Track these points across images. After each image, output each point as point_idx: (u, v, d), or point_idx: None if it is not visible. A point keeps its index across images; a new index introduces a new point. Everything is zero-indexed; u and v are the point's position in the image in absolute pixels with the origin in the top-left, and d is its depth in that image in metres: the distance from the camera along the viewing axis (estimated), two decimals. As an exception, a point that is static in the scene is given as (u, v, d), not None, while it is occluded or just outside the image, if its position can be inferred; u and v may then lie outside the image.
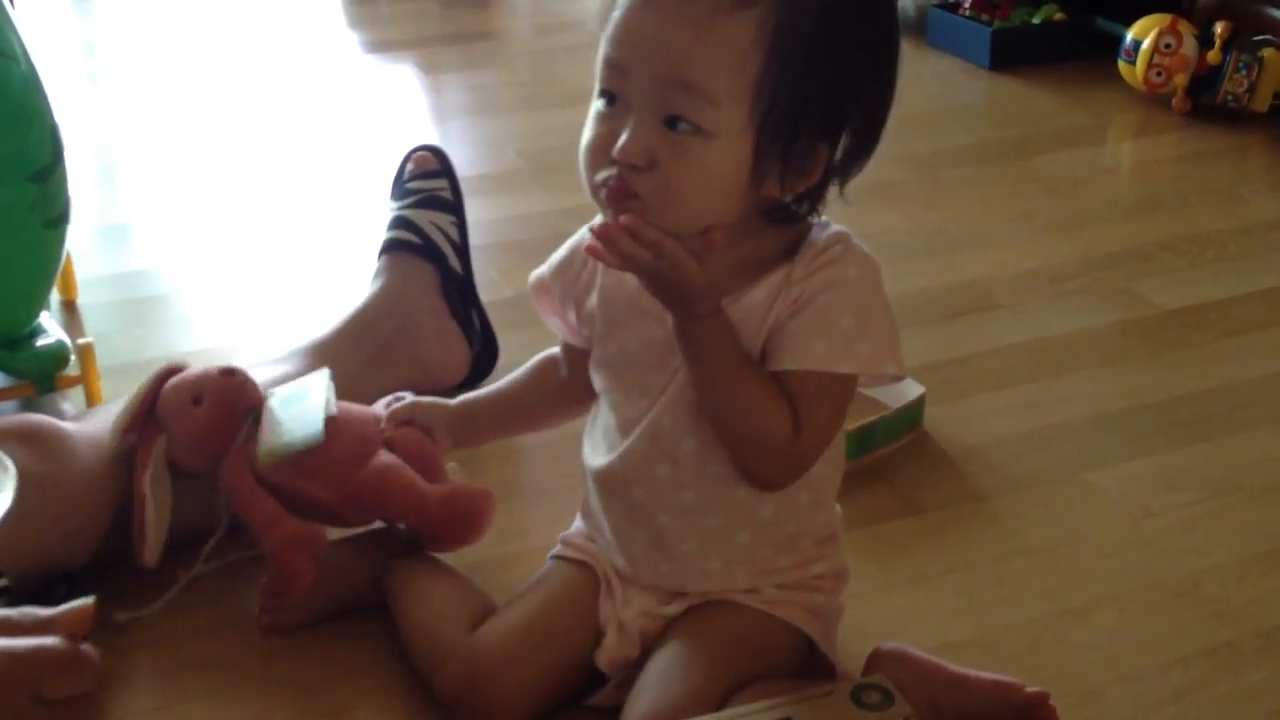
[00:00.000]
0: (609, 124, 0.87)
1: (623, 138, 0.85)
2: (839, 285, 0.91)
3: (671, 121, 0.85)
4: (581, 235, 0.99)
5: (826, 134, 0.88)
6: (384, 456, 1.13)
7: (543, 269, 1.07)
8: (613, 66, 0.86)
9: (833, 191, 0.93)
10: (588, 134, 0.89)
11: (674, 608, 1.03)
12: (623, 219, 0.85)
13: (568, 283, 1.03)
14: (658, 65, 0.84)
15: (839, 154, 0.90)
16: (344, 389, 1.37)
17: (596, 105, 0.89)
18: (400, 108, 2.45)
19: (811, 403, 0.90)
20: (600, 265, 0.96)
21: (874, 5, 0.88)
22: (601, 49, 0.87)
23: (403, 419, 1.15)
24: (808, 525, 1.01)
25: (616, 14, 0.86)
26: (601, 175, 0.87)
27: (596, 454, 1.03)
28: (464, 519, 1.12)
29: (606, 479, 1.02)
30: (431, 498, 1.12)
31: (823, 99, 0.86)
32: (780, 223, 0.92)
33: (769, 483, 0.95)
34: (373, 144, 2.17)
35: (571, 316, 1.04)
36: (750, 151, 0.86)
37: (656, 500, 0.99)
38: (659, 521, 1.00)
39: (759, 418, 0.90)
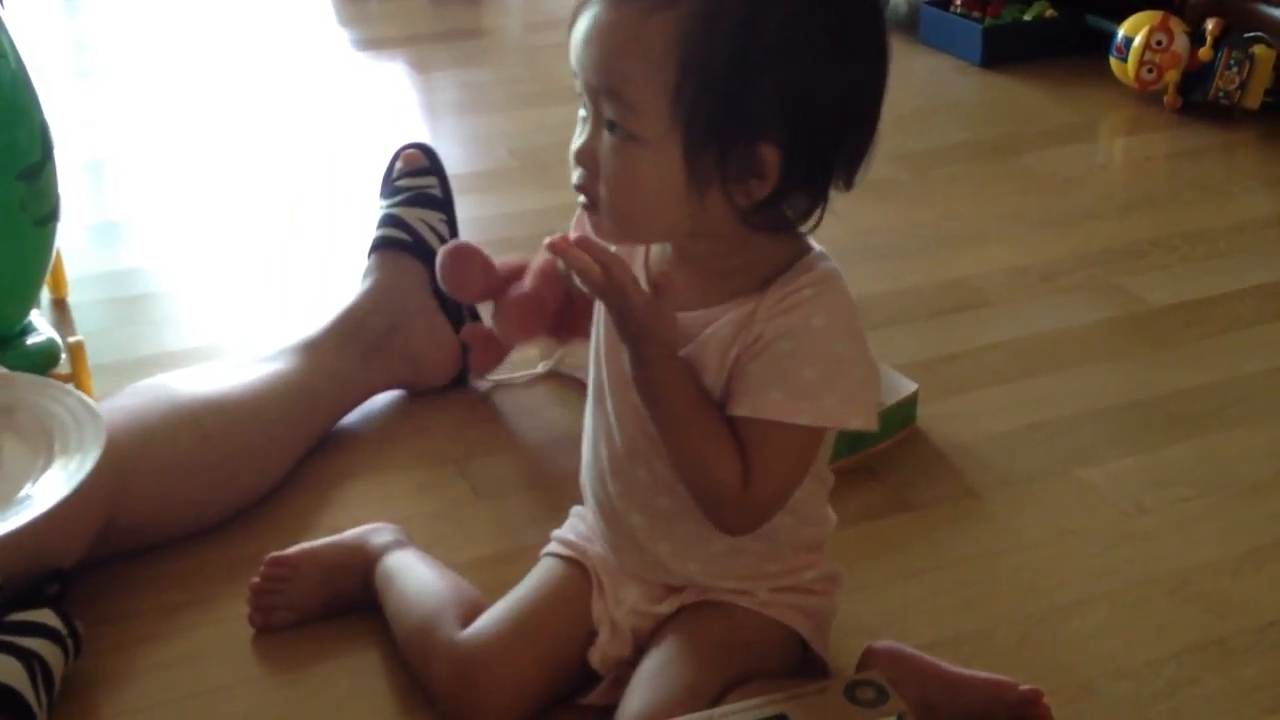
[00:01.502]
0: (581, 127, 0.89)
1: (574, 143, 0.89)
2: (799, 334, 0.88)
3: (610, 126, 0.86)
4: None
5: (771, 136, 0.85)
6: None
7: None
8: (574, 73, 0.89)
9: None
10: (574, 143, 0.91)
11: (666, 606, 1.03)
12: (575, 237, 0.87)
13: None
14: (589, 73, 0.86)
15: (841, 156, 0.88)
16: (335, 387, 1.38)
17: (580, 116, 0.90)
18: (391, 105, 2.44)
19: (764, 452, 0.89)
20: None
21: (815, 20, 0.84)
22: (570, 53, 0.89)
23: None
24: (790, 538, 1.01)
25: (577, 20, 0.88)
26: (574, 178, 0.90)
27: (586, 441, 1.04)
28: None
29: (592, 466, 1.03)
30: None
31: (751, 104, 0.84)
32: (765, 229, 0.90)
33: (725, 528, 0.94)
34: (364, 142, 2.17)
35: None
36: (680, 155, 0.85)
37: (631, 499, 0.99)
38: (632, 520, 1.00)
39: (708, 468, 0.89)
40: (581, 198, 0.90)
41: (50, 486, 1.01)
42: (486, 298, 1.29)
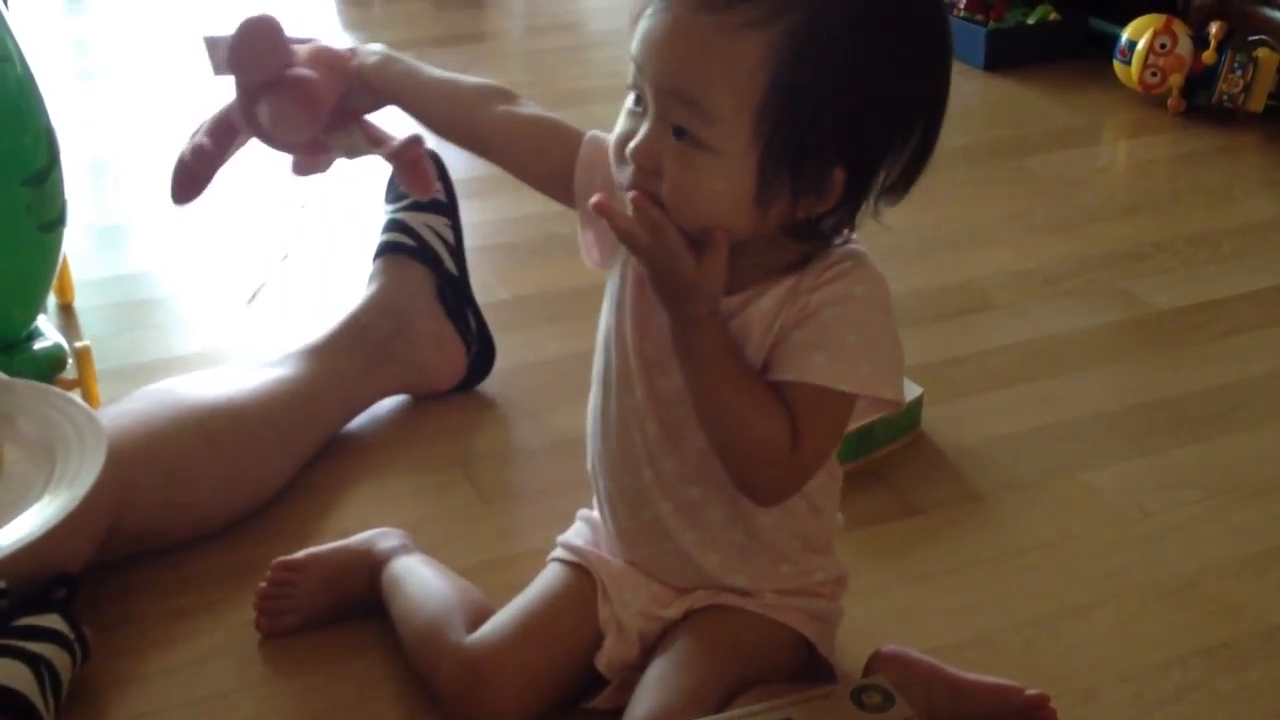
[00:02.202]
0: (633, 121, 0.88)
1: (635, 139, 0.86)
2: (844, 301, 0.89)
3: (678, 132, 0.85)
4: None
5: (841, 158, 0.86)
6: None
7: (596, 146, 1.00)
8: (636, 66, 0.87)
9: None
10: (617, 128, 0.90)
11: (674, 610, 1.03)
12: (633, 195, 0.86)
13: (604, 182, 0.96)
14: (664, 77, 0.84)
15: (890, 176, 0.89)
16: (340, 392, 1.38)
17: (628, 100, 0.89)
18: (394, 110, 2.44)
19: (809, 415, 0.89)
20: None
21: (902, 44, 0.85)
22: (632, 44, 0.87)
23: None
24: (803, 531, 1.01)
25: (645, 15, 0.86)
26: (625, 174, 0.88)
27: (597, 434, 1.03)
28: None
29: (605, 458, 1.02)
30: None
31: (833, 128, 0.84)
32: (803, 239, 0.91)
33: (767, 494, 0.93)
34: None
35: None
36: (754, 171, 0.84)
37: (662, 488, 0.99)
38: (660, 509, 1.00)
39: (756, 428, 0.89)
40: (630, 193, 0.88)
41: (52, 502, 1.02)
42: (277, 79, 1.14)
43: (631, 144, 0.86)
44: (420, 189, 1.13)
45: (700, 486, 0.98)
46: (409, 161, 1.12)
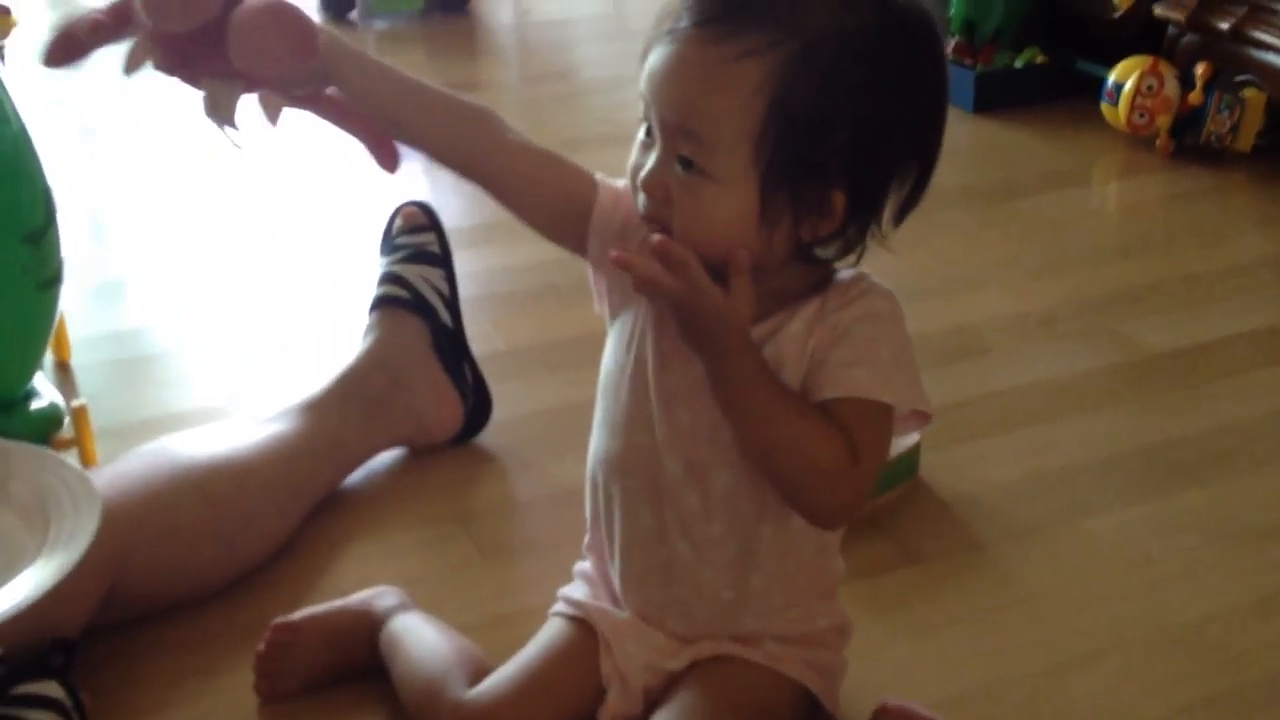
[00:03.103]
0: (644, 153, 0.90)
1: (643, 170, 0.89)
2: (872, 319, 0.91)
3: (684, 163, 0.87)
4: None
5: (841, 180, 0.88)
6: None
7: (613, 189, 0.99)
8: (644, 101, 0.90)
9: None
10: (631, 158, 0.92)
11: (677, 663, 1.02)
12: (655, 239, 0.86)
13: (630, 229, 0.96)
14: (668, 111, 0.87)
15: (899, 199, 0.91)
16: (337, 447, 1.38)
17: (640, 132, 0.91)
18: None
19: (861, 428, 0.90)
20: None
21: (896, 68, 0.87)
22: (640, 80, 0.90)
23: None
24: (815, 574, 1.01)
25: (652, 51, 0.89)
26: (640, 202, 0.91)
27: (601, 479, 1.02)
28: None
29: (632, 498, 1.00)
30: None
31: (830, 151, 0.86)
32: (812, 262, 0.94)
33: (834, 512, 0.93)
34: (364, 197, 2.18)
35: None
36: (756, 195, 0.87)
37: (680, 527, 0.98)
38: (678, 548, 0.99)
39: (812, 447, 0.89)
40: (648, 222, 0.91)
41: (46, 566, 1.01)
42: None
43: (641, 174, 0.89)
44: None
45: (722, 523, 0.97)
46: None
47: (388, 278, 1.49)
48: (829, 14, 0.85)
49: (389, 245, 1.53)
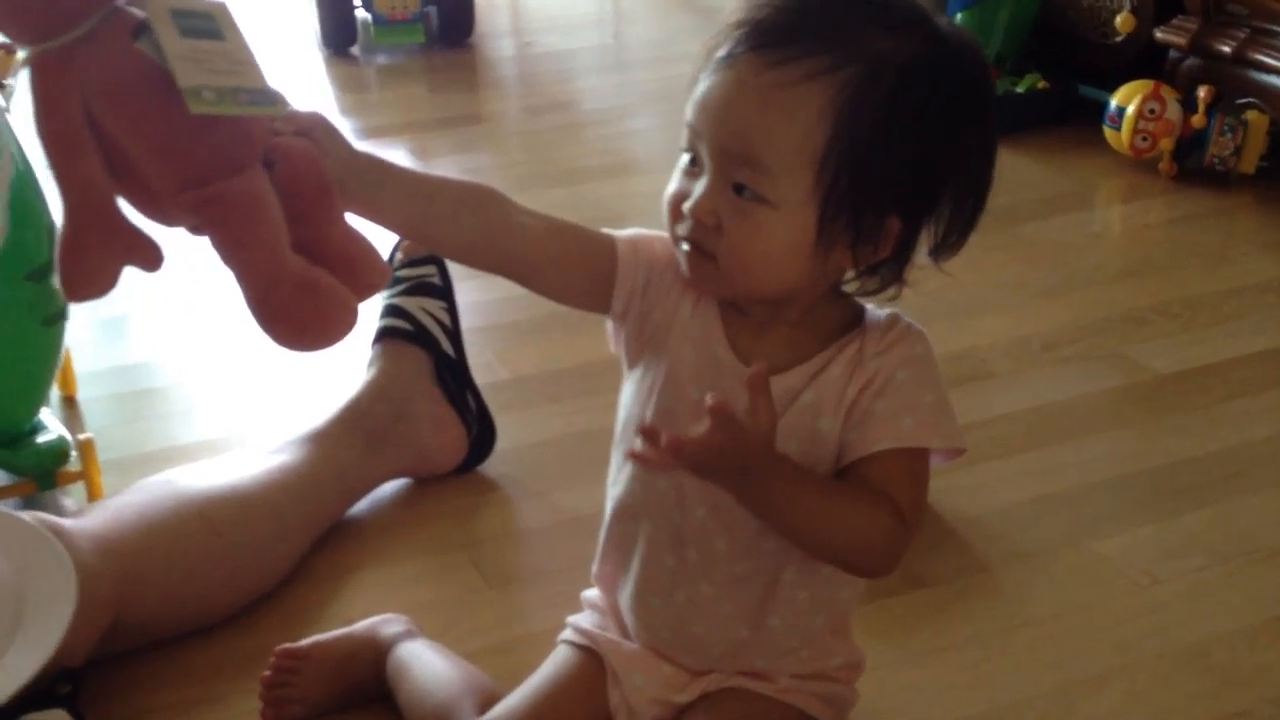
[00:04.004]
0: (687, 180, 0.89)
1: (693, 196, 0.88)
2: (911, 363, 0.91)
3: (739, 188, 0.86)
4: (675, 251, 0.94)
5: (897, 209, 0.88)
6: (258, 179, 0.78)
7: (631, 240, 0.97)
8: (691, 129, 0.89)
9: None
10: (670, 187, 0.91)
11: (686, 695, 1.02)
12: (661, 445, 0.80)
13: (654, 279, 0.96)
14: (725, 138, 0.86)
15: (939, 230, 0.91)
16: (341, 477, 1.38)
17: (682, 160, 0.90)
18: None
19: (906, 477, 0.90)
20: (683, 302, 0.95)
21: (951, 98, 0.87)
22: (687, 109, 0.89)
23: (303, 127, 0.84)
24: (832, 605, 1.00)
25: (701, 79, 0.88)
26: (681, 229, 0.89)
27: (623, 518, 1.01)
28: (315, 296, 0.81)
29: (654, 540, 0.99)
30: (289, 266, 0.79)
31: (890, 176, 0.86)
32: (845, 297, 0.94)
33: (883, 570, 0.93)
34: (367, 231, 2.18)
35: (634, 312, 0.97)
36: (814, 221, 0.86)
37: (704, 569, 0.97)
38: (700, 589, 0.98)
39: (861, 530, 0.88)
40: (685, 246, 0.89)
41: (17, 662, 1.00)
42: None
43: (689, 202, 0.88)
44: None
45: (747, 562, 0.96)
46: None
47: (389, 310, 1.50)
48: (889, 40, 0.85)
49: (391, 278, 1.53)
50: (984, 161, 0.91)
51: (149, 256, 0.78)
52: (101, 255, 0.76)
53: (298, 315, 0.78)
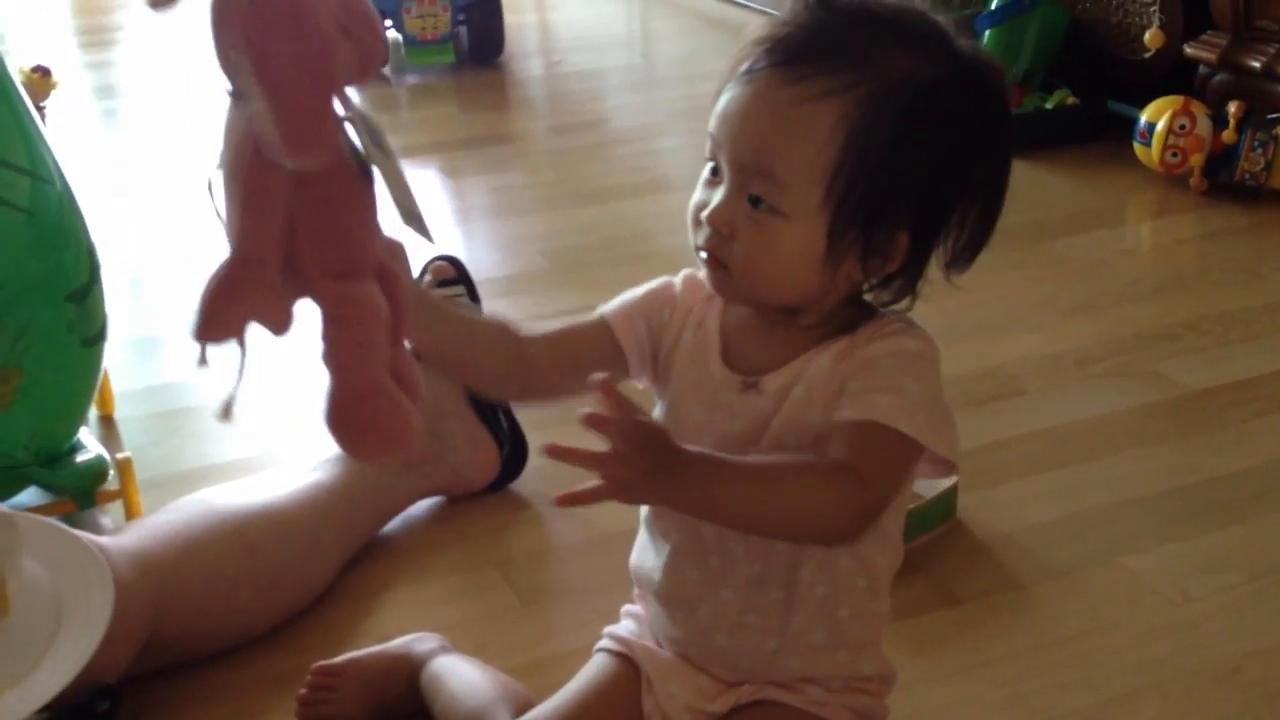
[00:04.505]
0: (709, 190, 0.91)
1: (710, 205, 0.90)
2: (900, 354, 0.91)
3: (754, 200, 0.88)
4: (665, 281, 1.00)
5: (907, 224, 0.89)
6: (377, 289, 0.81)
7: (621, 305, 1.01)
8: (713, 140, 0.91)
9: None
10: (694, 196, 0.93)
11: (720, 705, 1.02)
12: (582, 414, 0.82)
13: (653, 323, 1.00)
14: (742, 152, 0.88)
15: (951, 246, 0.92)
16: (375, 495, 1.39)
17: (705, 170, 0.92)
18: (424, 211, 2.48)
19: (873, 450, 0.88)
20: (684, 330, 0.98)
21: (967, 117, 0.89)
22: (710, 120, 0.91)
23: (395, 252, 0.85)
24: (860, 613, 1.00)
25: (724, 92, 0.90)
26: (699, 238, 0.91)
27: (653, 530, 1.03)
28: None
29: (666, 553, 1.00)
30: (385, 377, 0.83)
31: (900, 192, 0.88)
32: (863, 307, 0.94)
33: (851, 525, 0.89)
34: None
35: (647, 354, 1.00)
36: (824, 233, 0.88)
37: (725, 575, 0.98)
38: (722, 596, 0.99)
39: (807, 503, 0.87)
40: (703, 254, 0.91)
41: (65, 654, 1.01)
42: None
43: (706, 211, 0.90)
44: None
45: (762, 563, 0.97)
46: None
47: (421, 330, 1.51)
48: (906, 59, 0.87)
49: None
50: (997, 181, 0.92)
51: (282, 320, 0.82)
52: (245, 307, 0.79)
53: (380, 425, 0.82)
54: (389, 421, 0.82)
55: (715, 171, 0.91)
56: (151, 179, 2.67)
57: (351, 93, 0.79)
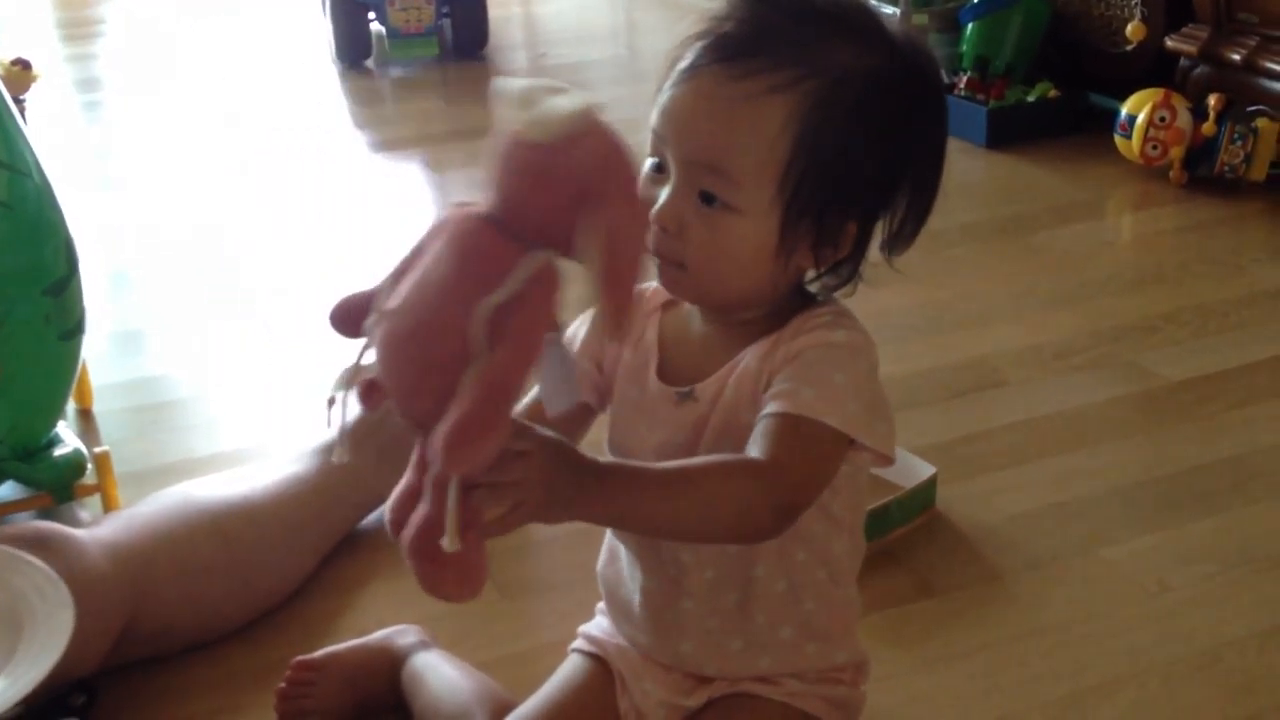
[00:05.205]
0: (653, 186, 0.89)
1: (658, 204, 0.88)
2: (825, 346, 0.89)
3: (706, 198, 0.87)
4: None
5: (856, 211, 0.89)
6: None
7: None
8: (656, 135, 0.90)
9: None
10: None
11: (695, 700, 1.02)
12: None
13: (598, 355, 1.00)
14: (690, 149, 0.87)
15: (893, 228, 0.92)
16: (353, 488, 1.39)
17: (647, 166, 0.91)
18: (408, 206, 2.48)
19: (792, 438, 0.86)
20: (624, 351, 0.97)
21: (910, 105, 0.90)
22: (652, 116, 0.90)
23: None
24: (830, 607, 1.00)
25: (666, 88, 0.89)
26: (648, 239, 0.88)
27: (625, 539, 1.02)
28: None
29: (631, 557, 1.01)
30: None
31: (852, 182, 0.88)
32: (805, 297, 0.94)
33: (767, 521, 0.87)
34: (382, 243, 2.20)
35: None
36: (777, 227, 0.87)
37: (682, 584, 0.98)
38: (683, 605, 0.99)
39: (729, 486, 0.85)
40: (655, 257, 0.89)
41: (16, 680, 0.99)
42: None
43: (655, 209, 0.88)
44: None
45: (714, 568, 0.97)
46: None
47: (403, 323, 1.51)
48: (848, 51, 0.87)
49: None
50: (936, 162, 0.93)
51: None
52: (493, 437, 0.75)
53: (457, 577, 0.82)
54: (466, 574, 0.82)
55: (659, 169, 0.89)
56: (132, 173, 2.66)
57: None
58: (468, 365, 0.73)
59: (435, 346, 0.75)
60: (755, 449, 0.86)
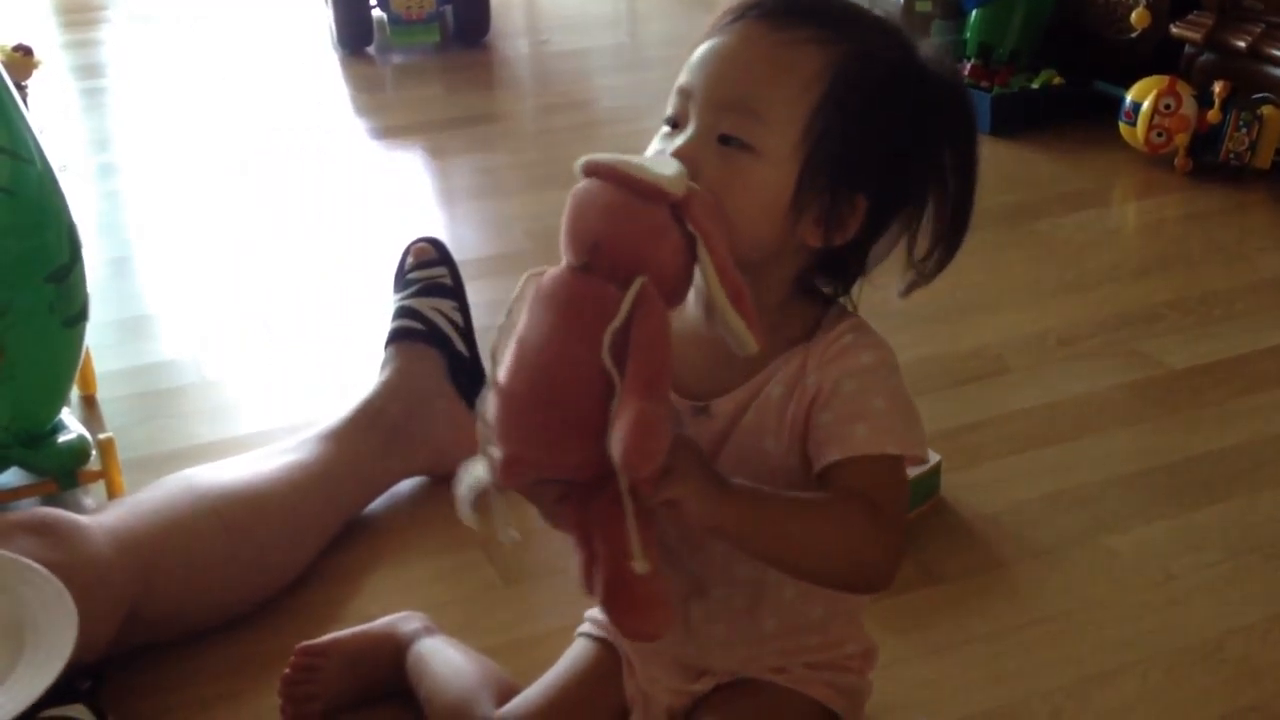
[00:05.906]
0: (667, 141, 0.89)
1: (676, 142, 0.87)
2: (856, 373, 0.90)
3: (725, 139, 0.86)
4: None
5: (867, 189, 0.89)
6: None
7: None
8: (681, 93, 0.89)
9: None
10: (650, 150, 0.91)
11: (701, 685, 1.02)
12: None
13: None
14: (720, 89, 0.87)
15: (921, 243, 0.92)
16: (356, 475, 1.39)
17: (662, 129, 0.90)
18: (409, 192, 2.48)
19: (874, 485, 0.88)
20: None
21: (941, 99, 0.90)
22: (678, 78, 0.90)
23: None
24: (836, 608, 1.01)
25: (702, 44, 0.90)
26: None
27: None
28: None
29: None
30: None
31: (868, 153, 0.88)
32: (813, 295, 0.94)
33: (872, 584, 0.91)
34: (383, 229, 2.20)
35: None
36: (794, 178, 0.87)
37: (689, 592, 0.98)
38: (692, 612, 0.98)
39: (842, 540, 0.86)
40: None
41: (21, 687, 0.99)
42: None
43: (673, 146, 0.87)
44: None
45: (724, 586, 0.97)
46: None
47: (401, 312, 1.52)
48: (882, 40, 0.89)
49: (402, 281, 1.55)
50: (965, 181, 0.92)
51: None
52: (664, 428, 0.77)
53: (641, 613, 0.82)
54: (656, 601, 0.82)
55: (674, 125, 0.89)
56: (135, 159, 2.65)
57: None
58: (604, 399, 0.76)
59: (567, 391, 0.79)
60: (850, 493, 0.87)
